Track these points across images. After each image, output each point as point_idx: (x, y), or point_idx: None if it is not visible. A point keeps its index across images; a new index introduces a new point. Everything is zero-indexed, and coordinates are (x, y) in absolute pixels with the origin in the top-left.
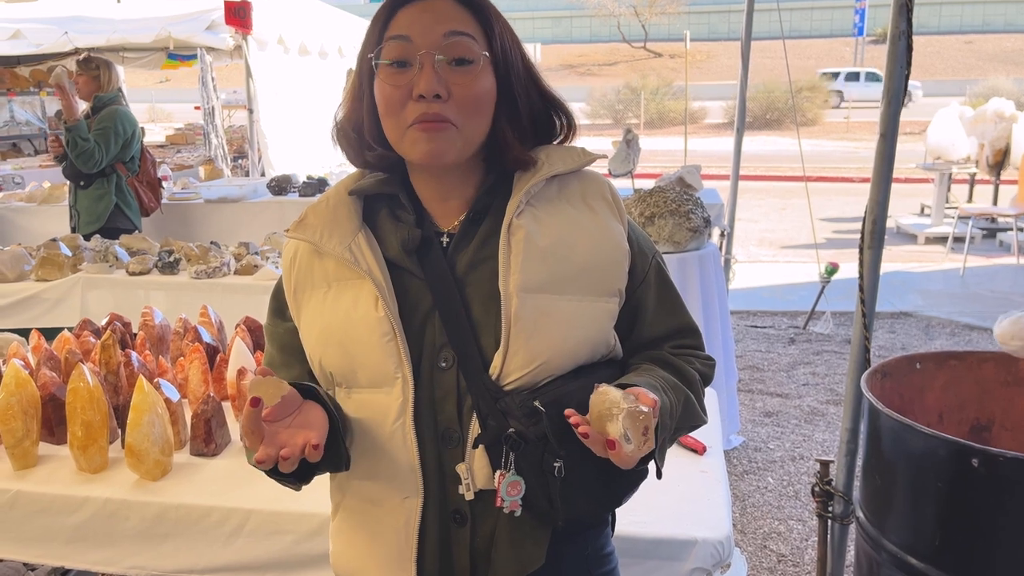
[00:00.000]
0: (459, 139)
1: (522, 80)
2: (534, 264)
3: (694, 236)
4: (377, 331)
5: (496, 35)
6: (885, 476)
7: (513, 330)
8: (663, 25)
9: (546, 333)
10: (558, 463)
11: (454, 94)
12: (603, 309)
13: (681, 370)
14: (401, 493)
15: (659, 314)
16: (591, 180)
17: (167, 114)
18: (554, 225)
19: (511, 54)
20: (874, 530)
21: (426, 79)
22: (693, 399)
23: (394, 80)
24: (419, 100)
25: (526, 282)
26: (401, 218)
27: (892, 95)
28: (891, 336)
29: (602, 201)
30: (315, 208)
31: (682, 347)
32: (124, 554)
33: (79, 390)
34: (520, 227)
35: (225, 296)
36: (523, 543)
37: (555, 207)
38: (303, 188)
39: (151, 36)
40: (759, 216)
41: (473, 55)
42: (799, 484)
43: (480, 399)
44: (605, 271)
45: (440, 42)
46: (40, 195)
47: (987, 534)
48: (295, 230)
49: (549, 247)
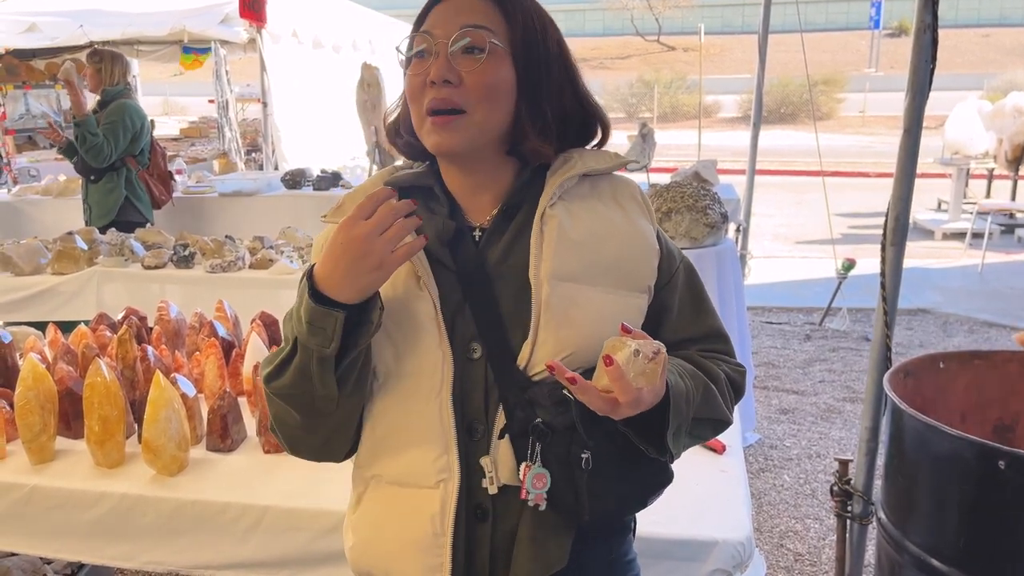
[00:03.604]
0: (471, 126)
1: (553, 76)
2: (566, 253)
3: (711, 232)
4: (421, 311)
5: (518, 27)
6: (908, 477)
7: (543, 318)
8: (677, 18)
9: (575, 323)
10: (585, 454)
11: (465, 80)
12: (633, 304)
13: (704, 366)
14: (436, 475)
15: (687, 317)
16: (622, 182)
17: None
18: (586, 219)
19: (539, 48)
20: (896, 531)
21: (437, 66)
22: (715, 391)
23: (414, 69)
24: (431, 86)
25: (557, 270)
26: (435, 210)
27: (916, 89)
28: (909, 333)
29: (632, 201)
30: (352, 196)
31: (711, 351)
32: (140, 549)
33: (96, 385)
34: (553, 216)
35: (240, 290)
36: (545, 542)
37: (587, 203)
38: (317, 182)
39: (166, 29)
40: (774, 211)
41: (484, 44)
42: (816, 482)
43: (507, 390)
44: (635, 266)
45: (455, 32)
46: (56, 188)
47: (1013, 536)
48: (332, 215)
49: (581, 239)
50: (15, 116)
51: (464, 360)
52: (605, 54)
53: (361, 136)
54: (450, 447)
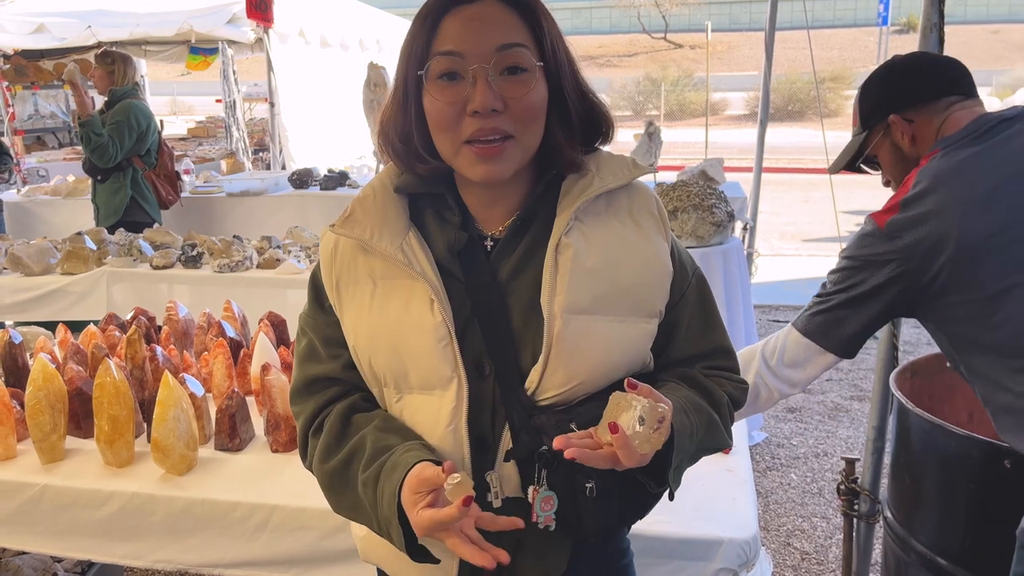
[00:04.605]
0: (517, 151)
1: (570, 81)
2: (580, 285)
3: (718, 231)
4: (433, 336)
5: (547, 38)
6: (914, 476)
7: (554, 350)
8: (684, 16)
9: (587, 354)
10: (590, 483)
11: (510, 106)
12: (643, 330)
13: (710, 391)
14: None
15: (694, 333)
16: (639, 194)
17: (188, 107)
18: (601, 243)
19: (560, 55)
20: (902, 530)
21: (481, 95)
22: (718, 421)
23: (446, 96)
24: (474, 116)
25: (571, 304)
26: (447, 219)
27: None
28: (916, 331)
29: (649, 216)
30: (362, 204)
31: (715, 368)
32: (149, 548)
33: (106, 385)
34: (568, 246)
35: (248, 290)
36: (548, 552)
37: (603, 222)
38: (324, 182)
39: (173, 30)
40: (781, 209)
41: (527, 64)
42: (823, 481)
43: (514, 412)
44: (649, 291)
45: (492, 56)
46: (65, 188)
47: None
48: (343, 226)
49: (595, 267)
50: (24, 116)
51: (475, 377)
52: (612, 52)
53: (368, 136)
54: (465, 465)
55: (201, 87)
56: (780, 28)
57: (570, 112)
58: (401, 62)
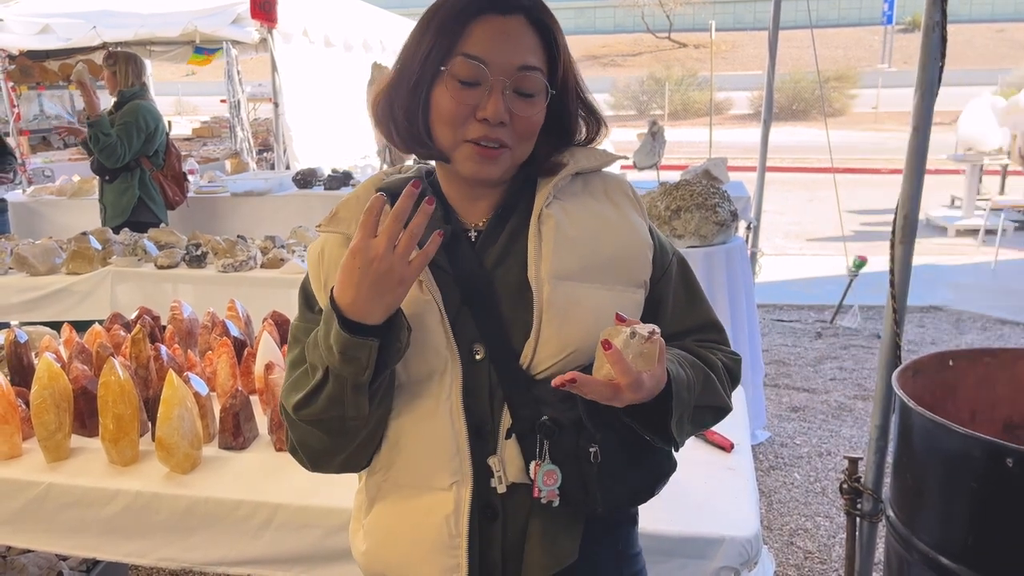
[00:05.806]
0: (509, 160)
1: (571, 105)
2: (565, 252)
3: (721, 230)
4: (425, 315)
5: (559, 65)
6: (916, 475)
7: (545, 317)
8: (688, 15)
9: (577, 321)
10: (594, 448)
11: (513, 122)
12: (631, 299)
13: (703, 355)
14: (450, 477)
15: (681, 308)
16: (612, 178)
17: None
18: (581, 217)
19: (569, 79)
20: (905, 529)
21: (494, 106)
22: (714, 379)
23: (461, 97)
24: (482, 122)
25: (557, 269)
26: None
27: (925, 87)
28: (921, 330)
29: (624, 197)
30: (346, 203)
31: (707, 341)
32: (154, 546)
33: (110, 384)
34: (550, 216)
35: (251, 289)
36: (556, 537)
37: (581, 201)
38: (328, 181)
39: (178, 30)
40: (785, 208)
41: (539, 89)
42: (826, 480)
43: (512, 389)
44: (632, 261)
45: (513, 73)
46: (70, 188)
47: (1021, 535)
48: (328, 224)
49: (578, 236)
50: (29, 117)
51: (468, 362)
52: (616, 51)
53: (371, 136)
54: (462, 449)
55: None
56: (784, 27)
57: (565, 132)
58: (418, 47)
